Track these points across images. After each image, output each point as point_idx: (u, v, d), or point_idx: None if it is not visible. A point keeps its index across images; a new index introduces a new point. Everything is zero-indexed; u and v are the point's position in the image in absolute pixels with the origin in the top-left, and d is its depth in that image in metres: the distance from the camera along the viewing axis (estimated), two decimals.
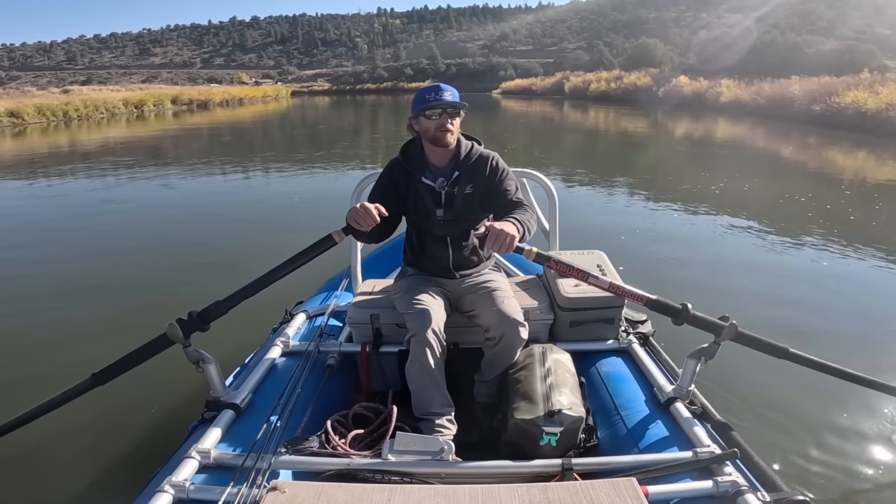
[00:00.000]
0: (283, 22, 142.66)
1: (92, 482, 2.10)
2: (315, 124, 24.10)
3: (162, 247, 5.38)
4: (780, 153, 12.19)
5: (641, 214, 6.49)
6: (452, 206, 1.87)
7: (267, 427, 1.49)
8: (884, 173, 9.41)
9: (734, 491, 1.25)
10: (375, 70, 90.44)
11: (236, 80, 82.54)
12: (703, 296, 3.69)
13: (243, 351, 2.10)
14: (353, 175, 10.00)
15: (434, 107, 1.76)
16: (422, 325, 1.70)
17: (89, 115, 26.15)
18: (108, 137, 17.69)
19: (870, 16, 44.60)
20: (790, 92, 18.87)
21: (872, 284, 4.14)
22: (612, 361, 1.92)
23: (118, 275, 4.57)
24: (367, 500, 1.18)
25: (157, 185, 8.95)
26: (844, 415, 2.43)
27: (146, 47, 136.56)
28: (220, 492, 1.24)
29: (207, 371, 1.60)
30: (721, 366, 1.68)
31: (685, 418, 1.53)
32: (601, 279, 1.58)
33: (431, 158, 1.88)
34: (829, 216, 6.09)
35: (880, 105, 14.20)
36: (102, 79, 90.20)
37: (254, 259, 4.76)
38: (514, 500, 1.17)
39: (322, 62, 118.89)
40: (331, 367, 1.93)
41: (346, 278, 2.56)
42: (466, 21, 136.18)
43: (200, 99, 37.80)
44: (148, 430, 2.34)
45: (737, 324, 1.55)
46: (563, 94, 41.26)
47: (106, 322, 3.56)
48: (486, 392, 1.86)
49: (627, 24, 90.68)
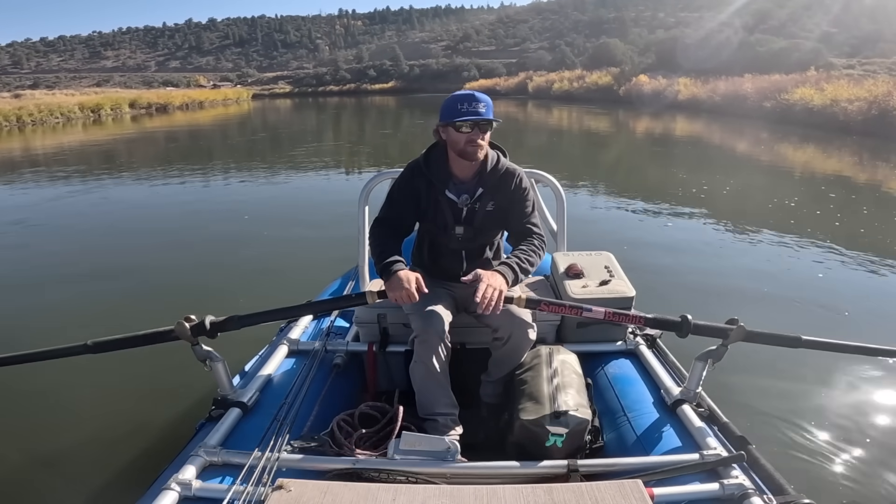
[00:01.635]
0: (242, 24, 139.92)
1: (99, 479, 2.12)
2: (276, 127, 23.74)
3: (155, 248, 5.42)
4: (736, 149, 12.75)
5: (617, 214, 6.66)
6: (472, 223, 1.81)
7: (273, 425, 1.50)
8: (831, 166, 9.96)
9: (740, 494, 1.25)
10: (338, 72, 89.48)
11: (193, 84, 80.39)
12: (705, 296, 3.69)
13: (251, 349, 2.13)
14: (338, 175, 9.99)
15: (466, 120, 1.66)
16: (426, 326, 1.68)
17: (44, 120, 25.21)
18: (62, 143, 17.04)
19: (817, 15, 46.87)
20: (743, 89, 19.72)
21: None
22: (619, 363, 1.91)
23: (127, 273, 4.61)
24: (372, 499, 1.19)
25: (115, 190, 8.74)
26: (852, 419, 2.43)
27: (97, 50, 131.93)
28: (227, 490, 1.25)
29: (215, 369, 1.60)
30: (729, 368, 1.68)
31: (692, 421, 1.52)
32: (595, 310, 1.57)
33: (456, 170, 1.79)
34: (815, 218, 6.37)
35: (826, 101, 15.00)
36: (50, 83, 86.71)
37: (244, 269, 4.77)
38: (518, 501, 1.17)
39: (282, 64, 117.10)
40: (337, 366, 1.94)
41: (353, 278, 2.56)
42: (429, 21, 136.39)
43: (160, 102, 36.81)
44: (155, 427, 2.35)
45: (745, 325, 1.52)
46: (527, 94, 41.81)
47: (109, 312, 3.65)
48: (493, 392, 1.85)
49: (588, 23, 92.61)
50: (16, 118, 23.92)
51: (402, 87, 75.16)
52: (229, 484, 1.28)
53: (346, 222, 2.74)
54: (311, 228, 5.96)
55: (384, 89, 74.41)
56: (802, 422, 2.41)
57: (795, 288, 4.00)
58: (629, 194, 7.37)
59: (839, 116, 13.97)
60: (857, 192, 7.61)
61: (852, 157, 10.96)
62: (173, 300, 3.78)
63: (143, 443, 2.25)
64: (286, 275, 4.33)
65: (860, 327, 3.30)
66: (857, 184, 8.17)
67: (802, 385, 2.53)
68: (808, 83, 17.26)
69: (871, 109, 13.24)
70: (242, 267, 4.67)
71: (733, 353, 1.58)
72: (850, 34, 39.39)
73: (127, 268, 4.73)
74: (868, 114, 13.24)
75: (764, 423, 2.37)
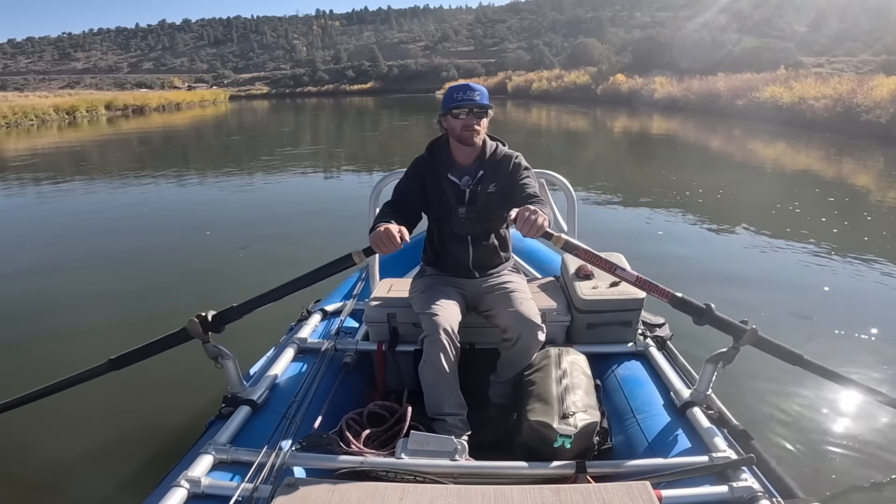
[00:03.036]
0: (217, 24, 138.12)
1: (109, 476, 2.14)
2: (257, 128, 23.60)
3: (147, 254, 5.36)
4: (710, 145, 13.19)
5: (627, 214, 6.70)
6: (476, 204, 1.90)
7: (282, 423, 1.51)
8: (800, 162, 10.35)
9: (749, 497, 1.24)
10: (316, 73, 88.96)
11: (168, 85, 79.17)
12: (714, 299, 3.70)
13: (261, 348, 2.13)
14: (330, 176, 10.04)
15: (461, 106, 1.80)
16: (435, 326, 1.70)
17: (18, 122, 24.79)
18: (36, 145, 16.75)
19: (789, 14, 48.24)
20: (716, 88, 20.21)
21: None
22: (629, 365, 1.90)
23: (137, 276, 4.61)
24: (379, 498, 1.19)
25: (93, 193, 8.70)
26: (862, 423, 2.43)
27: (66, 52, 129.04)
28: (235, 487, 1.26)
29: (226, 367, 1.62)
30: (740, 371, 1.71)
31: (701, 423, 1.51)
32: (628, 272, 1.59)
33: (457, 157, 1.92)
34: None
35: (794, 99, 15.50)
36: (19, 85, 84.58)
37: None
38: (526, 501, 1.17)
39: (259, 65, 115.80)
40: (347, 365, 1.95)
41: (363, 277, 2.58)
42: (407, 22, 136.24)
43: (136, 104, 36.36)
44: (165, 424, 2.37)
45: (756, 328, 1.53)
46: (507, 94, 42.20)
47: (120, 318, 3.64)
48: (501, 393, 1.86)
49: (566, 23, 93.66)
50: None
51: (380, 87, 75.18)
52: (238, 481, 1.28)
53: (356, 221, 2.76)
54: (319, 229, 5.88)
55: (363, 90, 74.34)
56: (811, 425, 2.41)
57: (807, 297, 3.87)
58: (620, 193, 7.50)
59: (806, 114, 14.44)
60: (824, 185, 7.89)
61: (818, 153, 11.39)
62: (179, 302, 3.78)
63: (154, 440, 2.28)
64: (294, 275, 4.12)
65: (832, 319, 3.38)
66: (826, 178, 8.48)
67: (812, 388, 2.54)
68: (778, 82, 17.78)
69: (836, 107, 13.71)
70: (249, 267, 4.68)
71: (742, 356, 1.58)
72: (820, 34, 40.66)
73: (132, 269, 4.73)
74: (833, 111, 13.70)
75: (773, 426, 2.37)
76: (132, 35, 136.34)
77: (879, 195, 7.30)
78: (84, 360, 1.79)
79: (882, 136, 11.60)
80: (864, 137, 11.98)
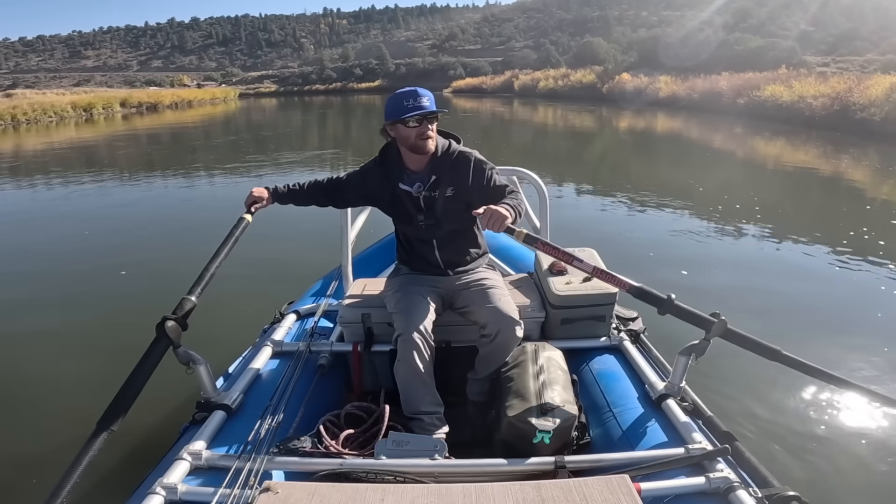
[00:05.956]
0: (225, 23, 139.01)
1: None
2: (262, 126, 24.08)
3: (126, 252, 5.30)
4: (712, 143, 13.53)
5: (601, 211, 6.86)
6: (434, 210, 1.85)
7: (259, 428, 1.50)
8: (798, 158, 10.71)
9: (726, 487, 1.26)
10: (324, 71, 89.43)
11: (177, 83, 79.83)
12: (688, 293, 3.69)
13: (234, 352, 2.10)
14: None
15: (413, 115, 1.73)
16: (408, 325, 1.70)
17: (38, 119, 25.68)
18: (52, 141, 17.28)
19: (796, 13, 48.26)
20: (719, 87, 20.55)
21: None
22: (604, 359, 1.91)
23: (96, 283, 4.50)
24: (360, 499, 1.18)
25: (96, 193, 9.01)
26: (835, 412, 2.47)
27: (77, 50, 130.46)
28: (213, 493, 1.24)
29: (198, 372, 1.58)
30: (712, 363, 1.68)
31: (677, 415, 1.53)
32: (585, 263, 1.59)
33: (408, 164, 1.86)
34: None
35: (794, 98, 15.84)
36: (30, 83, 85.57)
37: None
38: (507, 498, 1.17)
39: (267, 63, 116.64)
40: (322, 366, 1.93)
41: (336, 278, 2.57)
42: (414, 20, 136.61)
43: (150, 102, 37.26)
44: (138, 432, 2.28)
45: (726, 320, 1.53)
46: (513, 93, 42.44)
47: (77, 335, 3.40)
48: (479, 390, 1.84)
49: (572, 22, 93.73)
50: (10, 117, 24.34)
51: (388, 85, 75.11)
52: (215, 487, 1.27)
53: (329, 223, 2.78)
54: (292, 232, 5.39)
55: (370, 88, 74.70)
56: (786, 415, 2.45)
57: (781, 287, 3.98)
58: (612, 191, 7.64)
59: (805, 112, 14.76)
60: (818, 181, 8.27)
61: (817, 150, 11.74)
62: (146, 308, 3.43)
63: (127, 447, 2.21)
64: (267, 277, 4.03)
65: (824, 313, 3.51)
66: (824, 175, 8.79)
67: (786, 379, 2.53)
68: (779, 80, 18.08)
69: (833, 105, 14.03)
70: (218, 272, 4.71)
71: (716, 348, 1.58)
72: (826, 33, 40.69)
73: (113, 266, 4.68)
74: (831, 109, 14.02)
75: (748, 417, 2.40)
76: (141, 33, 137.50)
77: (873, 191, 7.61)
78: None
79: (877, 133, 11.95)
80: (860, 135, 12.32)
